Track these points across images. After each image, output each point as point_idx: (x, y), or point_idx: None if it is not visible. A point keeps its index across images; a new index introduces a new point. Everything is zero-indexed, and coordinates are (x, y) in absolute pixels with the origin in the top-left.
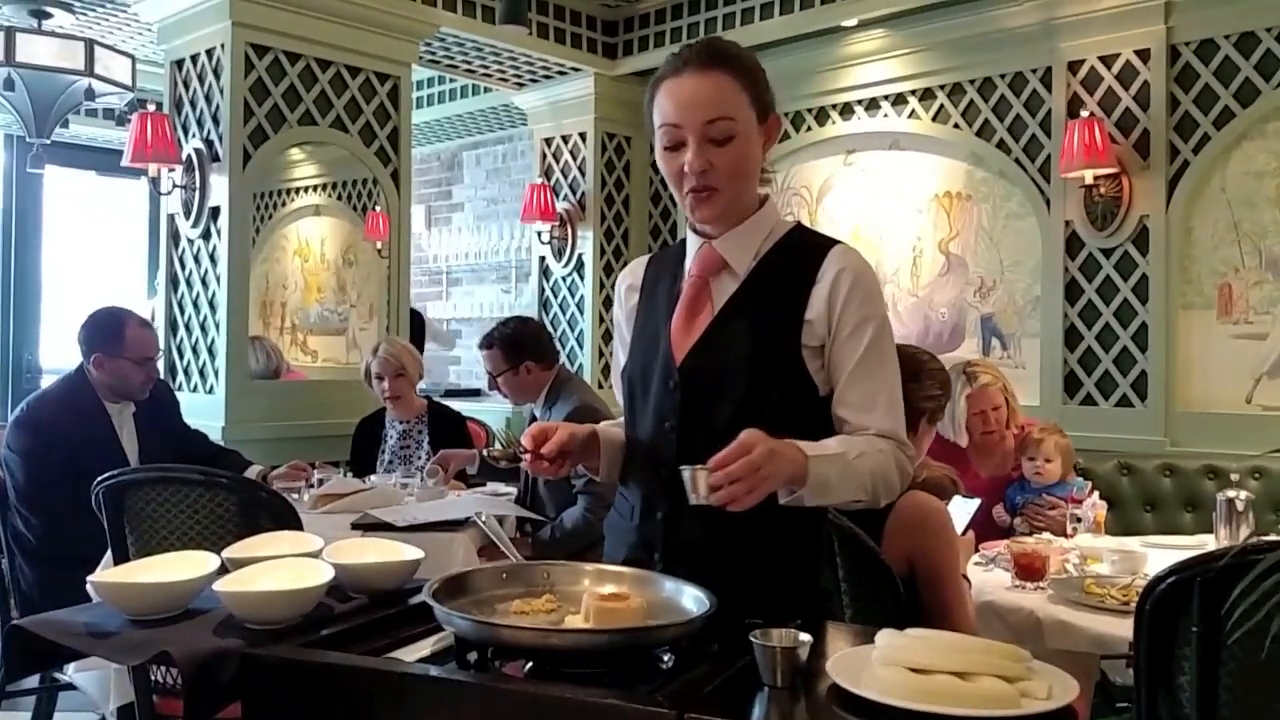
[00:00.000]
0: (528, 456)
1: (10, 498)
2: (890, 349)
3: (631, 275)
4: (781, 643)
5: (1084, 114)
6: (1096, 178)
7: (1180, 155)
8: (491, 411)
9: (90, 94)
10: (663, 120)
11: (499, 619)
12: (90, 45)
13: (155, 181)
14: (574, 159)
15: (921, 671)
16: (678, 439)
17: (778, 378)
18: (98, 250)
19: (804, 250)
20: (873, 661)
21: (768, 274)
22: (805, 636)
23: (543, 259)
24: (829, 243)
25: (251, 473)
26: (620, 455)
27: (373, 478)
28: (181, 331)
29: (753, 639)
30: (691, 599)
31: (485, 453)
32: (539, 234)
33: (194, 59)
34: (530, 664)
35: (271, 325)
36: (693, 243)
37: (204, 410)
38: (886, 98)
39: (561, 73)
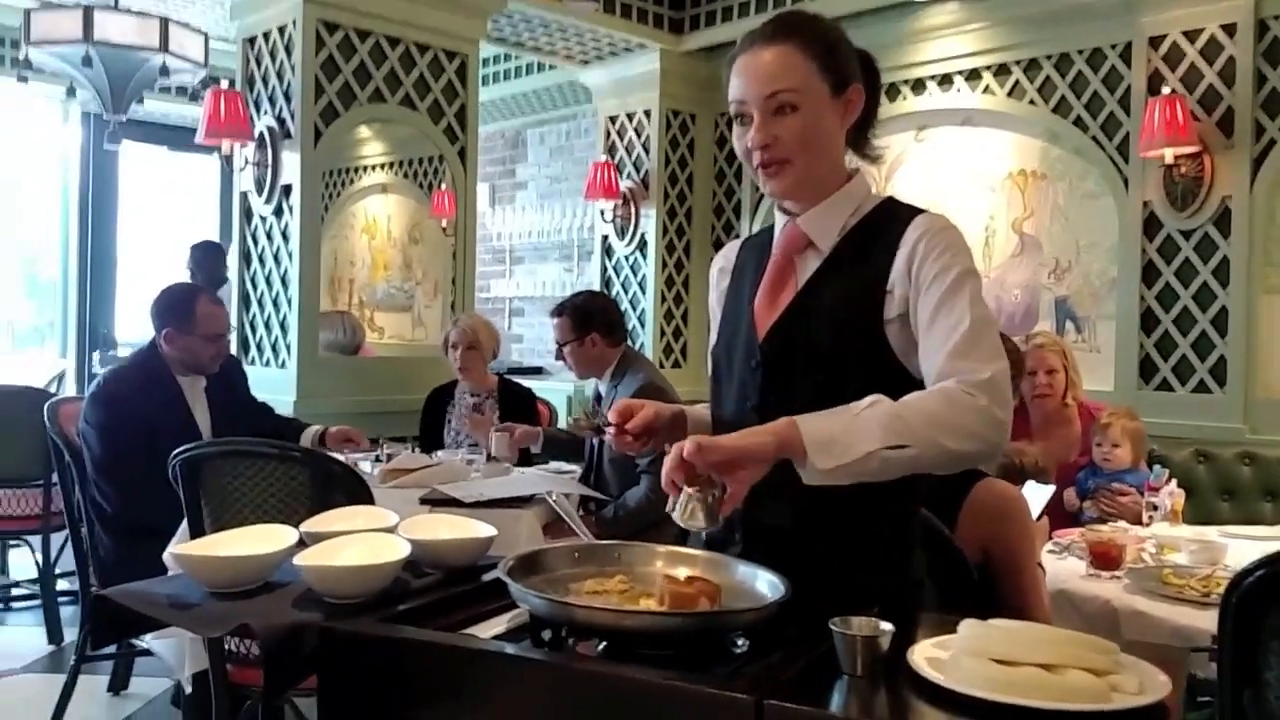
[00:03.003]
0: (611, 430)
1: (88, 470)
2: (973, 294)
3: (724, 258)
4: (862, 631)
5: (1165, 91)
6: (1177, 157)
7: (1266, 134)
8: (555, 390)
9: (164, 71)
10: (732, 97)
11: (574, 599)
12: (165, 23)
13: (228, 159)
14: (638, 136)
15: (1007, 663)
16: (759, 419)
17: (860, 356)
18: (171, 226)
19: (890, 222)
20: (956, 652)
21: (852, 249)
22: (887, 625)
23: (605, 238)
24: (915, 212)
25: (308, 435)
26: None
27: (440, 453)
28: (254, 307)
29: (832, 626)
30: (766, 584)
31: (570, 420)
32: (602, 212)
33: (266, 36)
34: (604, 644)
35: (340, 301)
36: (779, 221)
37: (276, 385)
38: (960, 73)
39: (627, 49)
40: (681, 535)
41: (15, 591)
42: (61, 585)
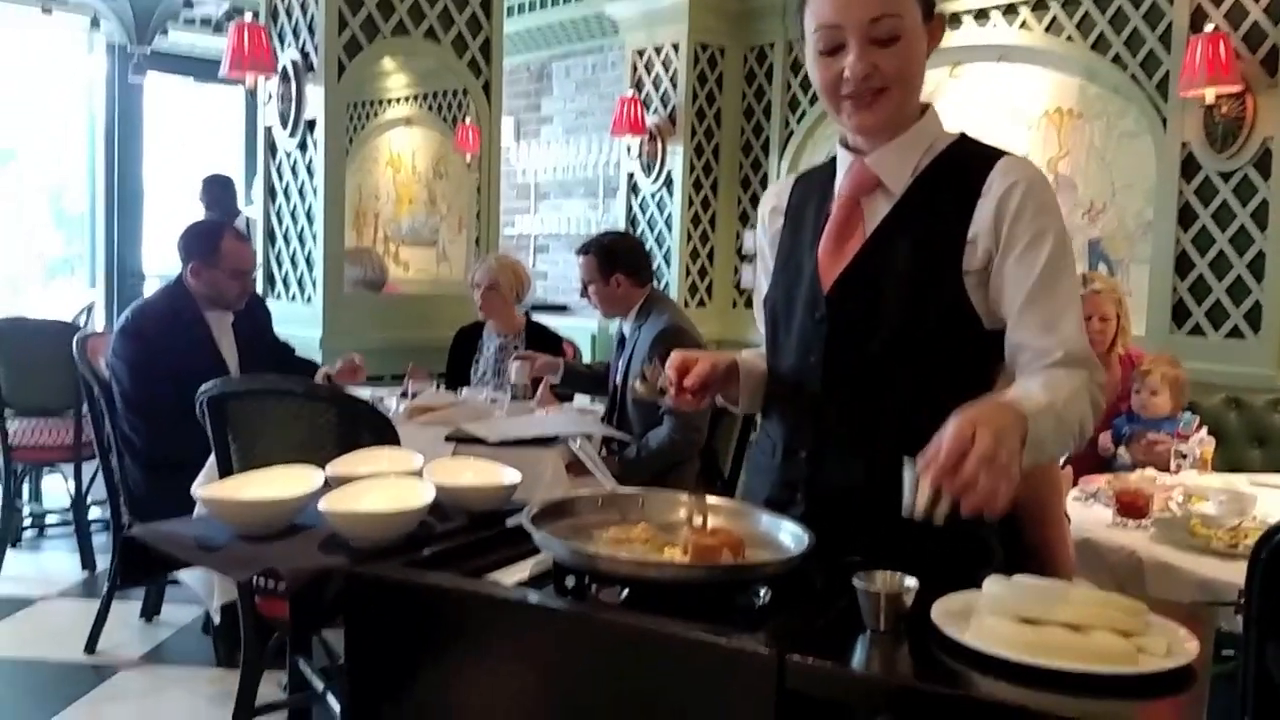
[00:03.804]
0: (672, 391)
1: (117, 403)
2: (1072, 264)
3: (776, 197)
4: (886, 588)
5: (1208, 28)
6: (1218, 96)
7: None
8: (580, 328)
9: (188, 2)
10: (819, 22)
11: (596, 547)
12: None
13: (252, 92)
14: (666, 71)
15: (1032, 622)
16: (823, 373)
17: (936, 308)
18: (197, 157)
19: (968, 163)
20: (980, 609)
21: (927, 192)
22: (911, 581)
23: (631, 175)
24: (997, 154)
25: (318, 377)
26: (762, 387)
27: (465, 391)
28: (280, 242)
29: (856, 582)
30: (789, 535)
31: (631, 391)
32: (628, 149)
33: None
34: (626, 592)
35: (365, 236)
36: (843, 160)
37: (303, 320)
38: (997, 8)
39: None
40: (703, 476)
41: (49, 519)
42: (94, 513)
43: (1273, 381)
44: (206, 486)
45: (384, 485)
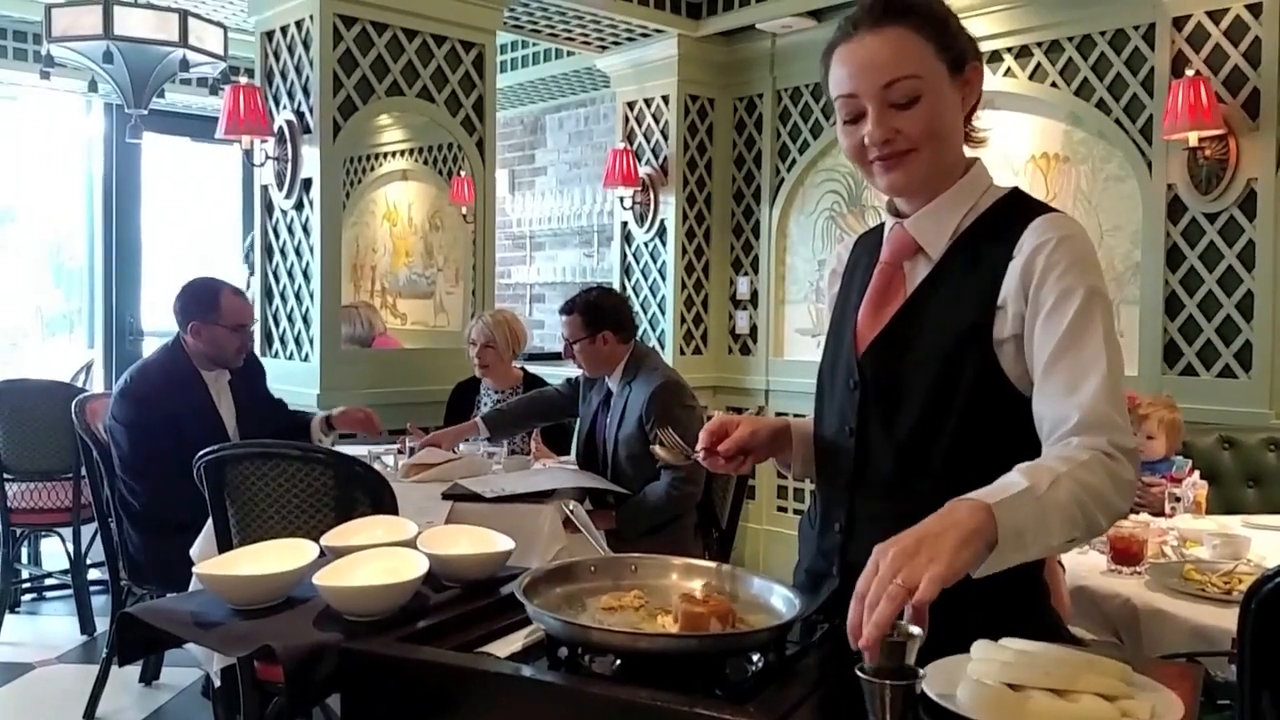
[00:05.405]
0: (700, 454)
1: (116, 466)
2: (1105, 326)
3: (836, 259)
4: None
5: (1189, 73)
6: (1201, 139)
7: None
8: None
9: (184, 65)
10: (838, 91)
11: (588, 619)
12: (184, 16)
13: (249, 153)
14: (656, 122)
15: (1018, 688)
16: (855, 446)
17: (968, 379)
18: (195, 215)
19: (1008, 223)
20: (968, 675)
21: (964, 255)
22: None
23: (625, 224)
24: (1037, 211)
25: (316, 425)
26: (813, 452)
27: (461, 446)
28: (277, 300)
29: (859, 673)
30: (781, 598)
31: (652, 452)
32: (621, 199)
33: (284, 30)
34: (619, 661)
35: (362, 288)
36: (887, 224)
37: (300, 378)
38: (980, 55)
39: (645, 34)
40: (700, 528)
41: (48, 582)
42: (93, 574)
43: (1266, 420)
44: (202, 564)
45: (378, 557)
